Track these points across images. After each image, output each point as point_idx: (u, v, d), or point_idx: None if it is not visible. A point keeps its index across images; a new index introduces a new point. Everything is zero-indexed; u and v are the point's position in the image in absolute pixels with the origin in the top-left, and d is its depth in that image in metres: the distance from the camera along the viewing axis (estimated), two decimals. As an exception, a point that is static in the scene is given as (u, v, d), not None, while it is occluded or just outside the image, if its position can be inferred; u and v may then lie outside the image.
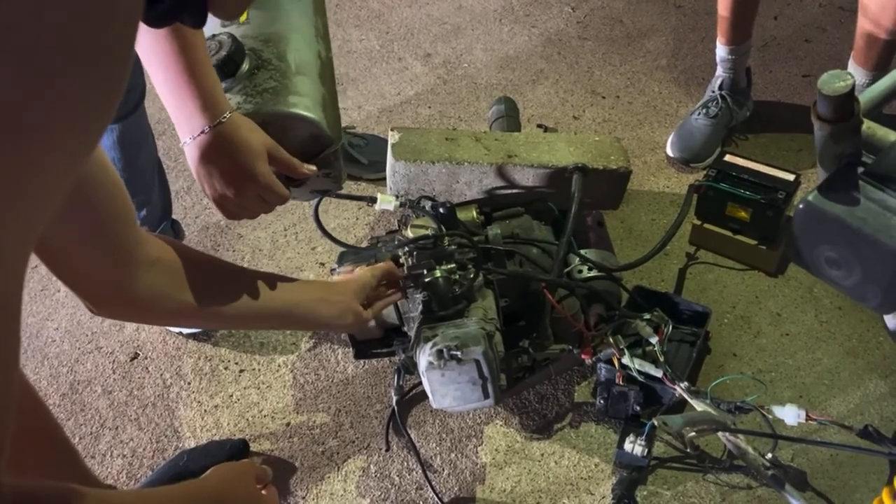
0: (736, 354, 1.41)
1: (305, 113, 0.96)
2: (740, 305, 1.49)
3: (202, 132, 0.86)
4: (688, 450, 1.12)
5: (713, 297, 1.51)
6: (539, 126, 1.87)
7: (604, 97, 2.01)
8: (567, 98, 2.02)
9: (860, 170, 0.65)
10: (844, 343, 1.41)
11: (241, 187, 0.90)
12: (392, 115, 2.02)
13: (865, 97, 0.70)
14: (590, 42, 2.19)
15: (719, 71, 1.78)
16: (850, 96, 0.66)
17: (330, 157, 1.01)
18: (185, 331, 1.53)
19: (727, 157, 1.53)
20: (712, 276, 1.55)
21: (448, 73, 2.14)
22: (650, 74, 2.07)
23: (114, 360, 1.53)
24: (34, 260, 1.64)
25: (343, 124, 1.89)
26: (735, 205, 1.48)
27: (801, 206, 0.67)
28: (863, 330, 1.42)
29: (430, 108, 2.04)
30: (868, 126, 0.66)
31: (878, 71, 1.60)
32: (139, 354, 1.53)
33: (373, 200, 1.24)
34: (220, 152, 0.87)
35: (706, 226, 1.55)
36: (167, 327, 1.55)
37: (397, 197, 1.25)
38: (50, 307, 1.64)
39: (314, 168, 0.99)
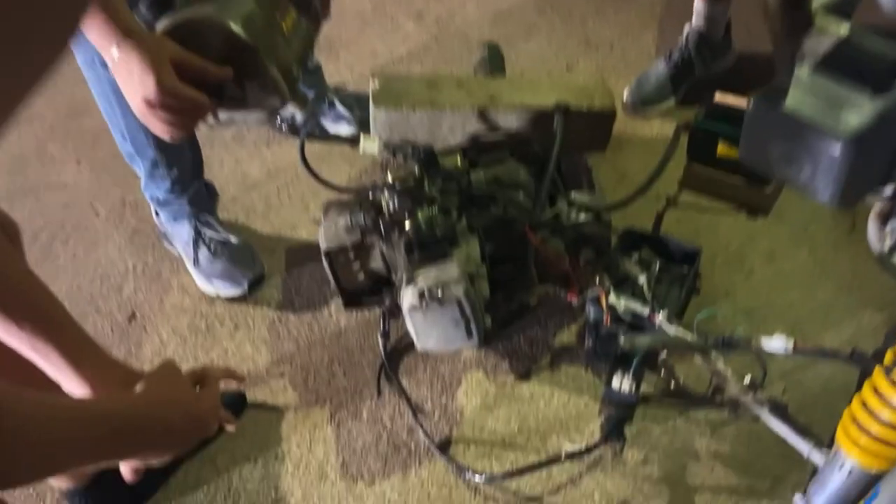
0: (728, 293, 1.40)
1: (209, 16, 0.95)
2: (733, 245, 1.47)
3: (112, 56, 0.91)
4: (670, 383, 1.11)
5: (706, 239, 1.49)
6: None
7: (597, 48, 1.99)
8: (560, 50, 2.00)
9: (811, 63, 0.64)
10: (839, 279, 1.39)
11: (152, 99, 0.92)
12: (384, 73, 2.01)
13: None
14: (583, -7, 2.16)
15: (693, 19, 1.74)
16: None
17: (255, 63, 0.97)
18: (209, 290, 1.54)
19: (717, 97, 1.49)
20: (705, 218, 1.53)
21: (440, 30, 2.13)
22: (645, 24, 2.04)
23: (112, 321, 1.55)
24: (35, 228, 1.66)
25: (334, 84, 1.90)
26: (726, 143, 1.45)
27: (751, 103, 0.66)
28: (858, 264, 1.40)
29: (422, 65, 2.03)
30: (821, 19, 0.65)
31: None
32: (137, 314, 1.56)
33: (355, 142, 1.24)
34: (127, 69, 0.91)
35: (697, 167, 1.52)
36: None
37: (380, 139, 1.25)
38: (51, 273, 1.67)
39: (228, 70, 0.97)
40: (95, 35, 0.92)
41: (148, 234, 1.70)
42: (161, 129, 0.98)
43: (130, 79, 0.92)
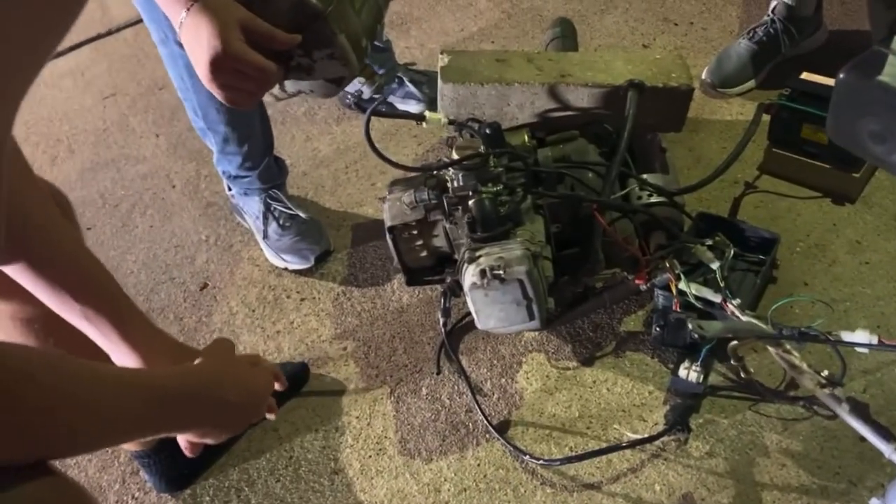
0: (807, 284, 1.33)
1: None
2: (815, 234, 1.39)
3: (180, 21, 0.89)
4: (740, 372, 1.06)
5: (785, 226, 1.42)
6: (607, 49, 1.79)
7: (676, 24, 1.91)
8: (637, 27, 1.93)
9: (911, 34, 0.58)
10: (932, 272, 1.30)
11: (218, 64, 0.90)
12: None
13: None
14: (664, -32, 2.08)
15: None
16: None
17: (324, 31, 0.95)
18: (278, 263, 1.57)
19: (804, 76, 1.41)
20: (785, 204, 1.45)
21: (513, 6, 2.09)
22: (729, -1, 1.94)
23: (185, 290, 1.60)
24: (115, 199, 1.73)
25: (404, 62, 1.89)
26: (811, 126, 1.38)
27: (842, 75, 0.61)
28: (954, 258, 1.30)
29: (493, 42, 2.00)
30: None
31: None
32: (208, 284, 1.60)
33: (421, 118, 1.23)
34: (195, 34, 0.89)
35: (779, 151, 1.45)
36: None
37: (447, 115, 1.23)
38: (129, 241, 1.74)
39: (297, 37, 0.94)
40: (165, 1, 0.91)
41: (221, 206, 1.74)
42: (226, 96, 0.96)
43: (198, 43, 0.90)
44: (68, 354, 0.63)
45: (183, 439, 0.85)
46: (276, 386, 0.91)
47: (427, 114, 1.22)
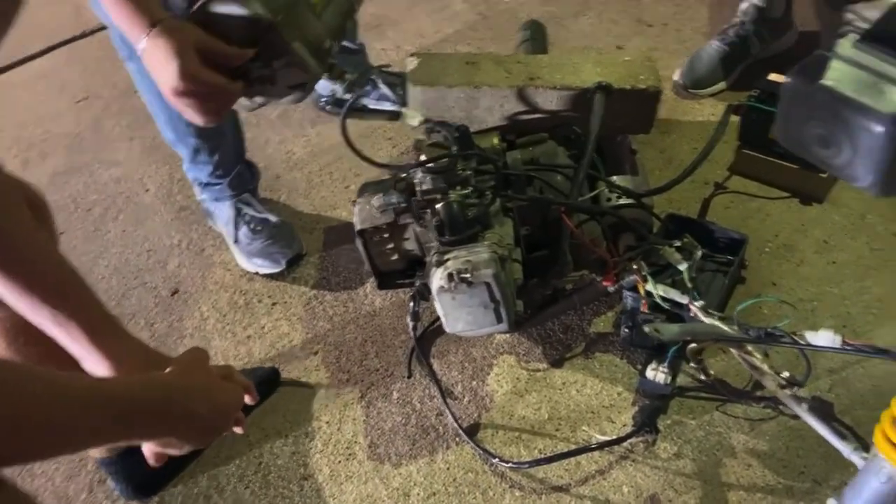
0: (776, 284, 1.33)
1: (230, 5, 0.94)
2: (784, 234, 1.40)
3: (141, 47, 0.93)
4: (700, 374, 1.07)
5: (754, 226, 1.42)
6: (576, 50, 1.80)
7: (650, 25, 1.92)
8: (611, 28, 1.94)
9: (856, 36, 0.59)
10: (898, 271, 1.31)
11: (177, 87, 0.93)
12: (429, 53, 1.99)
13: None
14: (638, -31, 2.09)
15: None
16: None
17: (277, 41, 0.96)
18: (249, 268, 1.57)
19: (772, 77, 1.42)
20: (755, 204, 1.46)
21: (489, 8, 2.09)
22: (702, 0, 1.95)
23: (156, 295, 1.59)
24: (88, 203, 1.71)
25: (379, 64, 1.89)
26: (780, 127, 1.38)
27: (787, 79, 0.61)
28: (920, 257, 1.31)
29: (469, 44, 2.00)
30: (867, -10, 0.60)
31: None
32: (179, 289, 1.59)
33: (397, 115, 1.22)
34: (155, 58, 0.93)
35: (749, 151, 1.46)
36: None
37: (422, 112, 1.23)
38: (101, 247, 1.72)
39: (247, 52, 0.96)
40: (126, 26, 0.94)
41: (194, 210, 1.73)
42: (192, 116, 0.98)
43: (159, 66, 0.94)
44: (23, 363, 0.63)
45: (147, 449, 0.84)
46: (247, 399, 0.90)
47: (404, 110, 1.22)
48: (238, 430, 0.90)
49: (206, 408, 0.79)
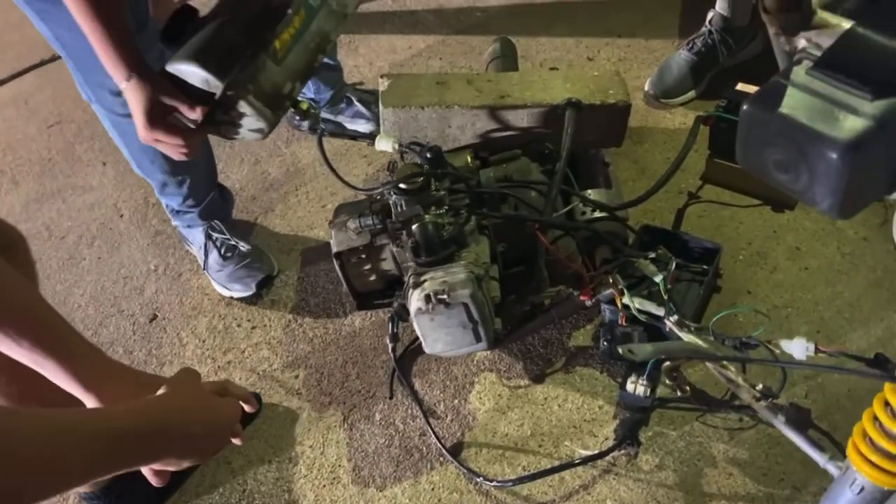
0: (750, 292, 1.35)
1: (184, 65, 1.03)
2: (757, 241, 1.42)
3: (121, 90, 1.06)
4: (677, 391, 1.08)
5: (728, 235, 1.44)
6: (552, 69, 1.81)
7: (620, 36, 1.94)
8: (582, 39, 1.95)
9: (809, 63, 0.60)
10: (868, 275, 1.33)
11: (144, 136, 1.08)
12: (402, 69, 2.00)
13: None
14: (607, -20, 2.11)
15: (717, 4, 1.67)
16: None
17: (230, 98, 1.03)
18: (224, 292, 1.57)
19: (739, 87, 1.43)
20: (728, 212, 1.48)
21: (459, 22, 2.10)
22: (670, 10, 1.98)
23: (134, 322, 1.58)
24: (62, 231, 1.70)
25: (353, 81, 1.89)
26: (748, 136, 1.40)
27: (745, 107, 0.62)
28: (889, 260, 1.34)
29: (441, 59, 2.01)
30: (820, 16, 0.61)
31: None
32: (157, 315, 1.58)
33: (372, 138, 1.23)
34: (131, 105, 1.06)
35: (719, 160, 1.47)
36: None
37: (396, 137, 1.24)
38: (76, 275, 1.71)
39: (196, 112, 1.05)
40: (109, 69, 1.05)
41: (169, 234, 1.72)
42: (166, 152, 1.11)
43: (134, 113, 1.07)
44: (8, 407, 0.62)
45: (147, 469, 0.83)
46: (247, 408, 0.90)
47: (378, 136, 1.22)
48: (237, 441, 0.90)
49: (204, 427, 0.79)
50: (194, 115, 1.05)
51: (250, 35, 1.04)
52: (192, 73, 1.03)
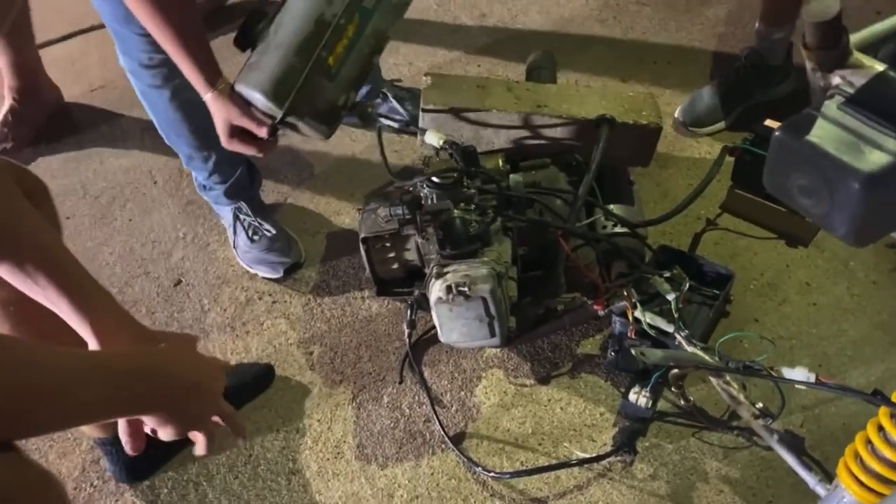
0: (758, 320, 1.39)
1: (248, 91, 1.16)
2: (769, 273, 1.46)
3: (205, 98, 1.19)
4: (680, 399, 1.12)
5: (742, 264, 1.48)
6: (587, 87, 1.86)
7: (655, 62, 1.99)
8: (618, 62, 2.00)
9: (841, 99, 0.64)
10: (874, 317, 1.37)
11: (223, 143, 1.24)
12: (441, 71, 2.05)
13: (861, 34, 0.69)
14: (648, 7, 2.16)
15: (754, 41, 1.72)
16: (834, 23, 0.65)
17: (288, 119, 1.16)
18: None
19: (768, 122, 1.48)
20: (743, 242, 1.52)
21: (500, 32, 2.15)
22: (706, 42, 2.02)
23: (159, 285, 1.63)
24: (96, 190, 1.76)
25: (391, 78, 1.95)
26: (772, 170, 1.44)
27: (777, 133, 0.67)
28: (896, 305, 1.38)
29: (479, 66, 2.06)
30: (856, 57, 0.65)
31: None
32: (182, 281, 1.63)
33: (423, 132, 1.29)
34: (213, 116, 1.22)
35: (740, 192, 1.51)
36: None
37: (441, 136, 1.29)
38: (107, 234, 1.76)
39: (263, 132, 1.19)
40: (190, 79, 1.18)
41: (200, 205, 1.78)
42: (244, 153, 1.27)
43: (216, 123, 1.22)
44: (15, 338, 0.65)
45: (125, 434, 0.85)
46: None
47: (428, 132, 1.28)
48: (240, 441, 0.92)
49: (193, 382, 0.81)
50: (262, 133, 1.20)
51: (305, 56, 1.14)
52: (254, 98, 1.16)
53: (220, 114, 1.20)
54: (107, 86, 2.21)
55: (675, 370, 1.10)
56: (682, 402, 1.11)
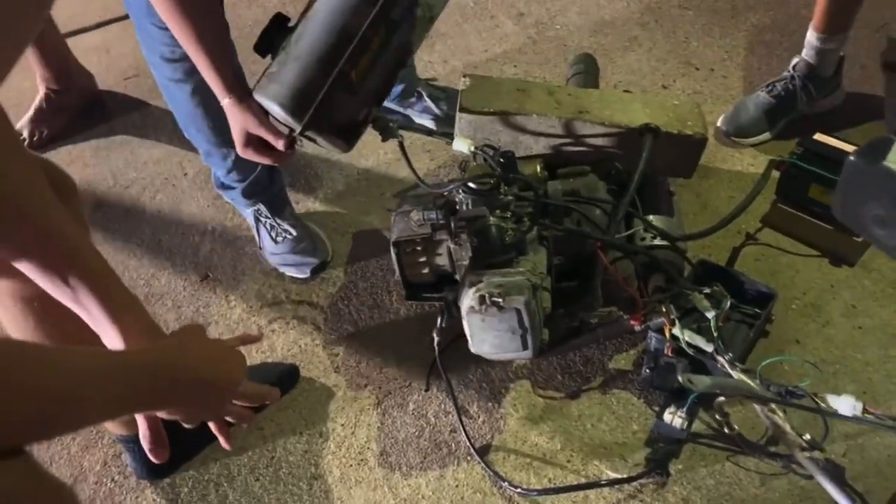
0: (799, 342, 1.34)
1: (268, 102, 1.12)
2: (812, 293, 1.41)
3: (223, 104, 1.17)
4: (724, 427, 1.08)
5: (783, 282, 1.43)
6: (625, 91, 1.81)
7: (697, 69, 1.93)
8: (658, 67, 1.95)
9: (922, 125, 0.60)
10: (923, 344, 1.31)
11: (239, 151, 1.21)
12: (476, 70, 2.01)
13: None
14: (691, 12, 2.10)
15: (803, 51, 1.66)
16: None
17: (307, 133, 1.13)
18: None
19: (816, 136, 1.43)
20: (786, 259, 1.47)
21: (538, 33, 2.11)
22: (751, 49, 1.96)
23: (186, 279, 1.62)
24: (126, 180, 1.75)
25: (426, 77, 1.92)
26: (819, 187, 1.39)
27: (851, 157, 0.63)
28: (946, 332, 1.32)
29: (515, 66, 2.02)
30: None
31: None
32: (209, 275, 1.62)
33: (451, 137, 1.25)
34: (230, 121, 1.20)
35: (785, 207, 1.47)
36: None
37: (474, 141, 1.25)
38: (135, 224, 1.76)
39: (280, 141, 1.16)
40: (210, 84, 1.17)
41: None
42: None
43: (232, 133, 1.20)
44: (29, 342, 0.64)
45: (146, 440, 0.84)
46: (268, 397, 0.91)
47: (458, 137, 1.24)
48: (243, 425, 0.90)
49: (209, 370, 0.79)
50: (279, 146, 1.16)
51: (327, 69, 1.09)
52: (273, 110, 1.13)
53: (237, 122, 1.17)
54: (140, 75, 2.20)
55: (721, 398, 1.06)
56: (727, 430, 1.07)
